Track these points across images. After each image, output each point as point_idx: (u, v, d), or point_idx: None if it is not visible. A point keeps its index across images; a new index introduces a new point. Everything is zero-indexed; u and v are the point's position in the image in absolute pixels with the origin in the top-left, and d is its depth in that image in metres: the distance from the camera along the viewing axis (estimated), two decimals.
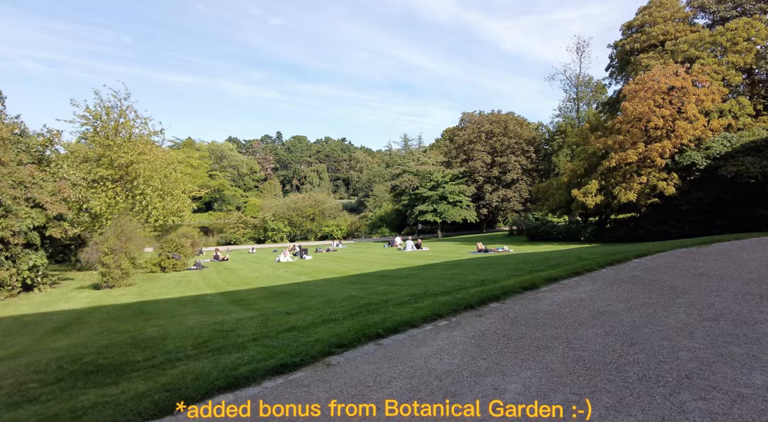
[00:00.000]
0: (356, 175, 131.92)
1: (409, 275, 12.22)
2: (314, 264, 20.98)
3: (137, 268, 21.14)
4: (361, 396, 3.49)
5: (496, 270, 11.47)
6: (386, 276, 12.70)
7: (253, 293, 11.50)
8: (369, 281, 11.87)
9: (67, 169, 15.82)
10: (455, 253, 23.70)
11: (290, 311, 7.11)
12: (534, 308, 6.26)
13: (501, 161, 49.65)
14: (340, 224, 57.22)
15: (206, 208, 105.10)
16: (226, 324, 6.55)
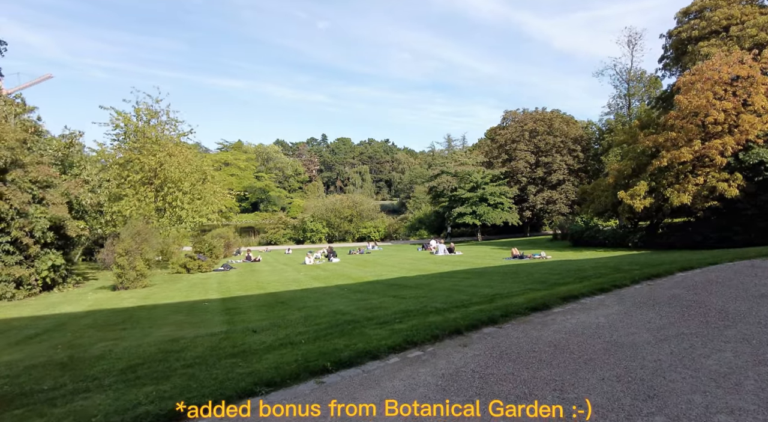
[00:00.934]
0: (398, 176, 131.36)
1: (420, 285, 11.24)
2: (337, 268, 20.35)
3: (164, 269, 21.39)
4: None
5: (517, 282, 10.27)
6: (396, 286, 11.78)
7: (254, 300, 10.93)
8: (374, 290, 11.01)
9: (90, 169, 16.10)
10: (488, 259, 22.36)
11: (258, 329, 6.40)
12: (535, 336, 5.17)
13: (545, 161, 47.24)
14: (377, 226, 56.66)
15: (252, 208, 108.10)
16: (182, 341, 5.92)
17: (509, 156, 49.68)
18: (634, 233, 25.61)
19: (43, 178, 13.77)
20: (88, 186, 15.88)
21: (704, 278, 8.54)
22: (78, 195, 14.97)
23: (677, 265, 10.16)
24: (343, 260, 27.15)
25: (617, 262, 13.38)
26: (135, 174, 20.00)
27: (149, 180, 20.39)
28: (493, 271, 14.30)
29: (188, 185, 21.34)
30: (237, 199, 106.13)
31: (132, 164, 20.31)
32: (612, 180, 25.90)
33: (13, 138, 13.40)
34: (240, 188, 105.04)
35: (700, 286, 7.59)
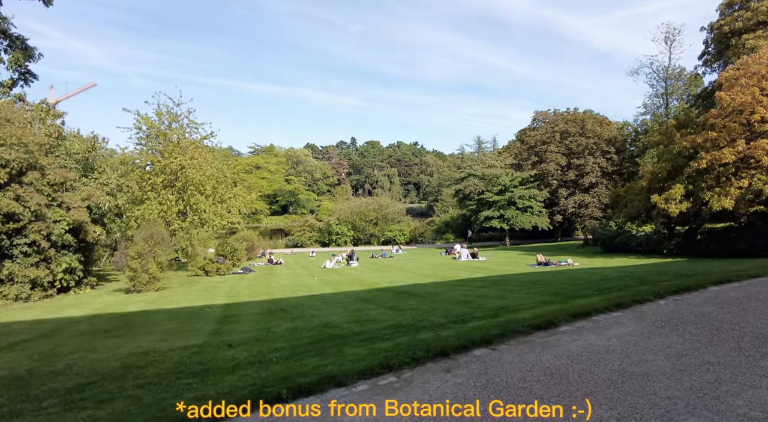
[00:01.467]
0: (426, 179, 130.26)
1: (427, 294, 10.61)
2: (353, 273, 19.91)
3: (184, 271, 21.53)
4: None
5: (532, 293, 9.52)
6: (404, 294, 11.19)
7: (256, 307, 10.58)
8: (379, 299, 10.46)
9: (110, 174, 16.28)
10: (510, 265, 21.43)
11: (235, 343, 5.98)
12: (531, 361, 4.53)
13: (577, 163, 45.46)
14: (403, 229, 56.00)
15: (282, 211, 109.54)
16: (153, 355, 5.56)
17: (539, 158, 48.14)
18: (670, 239, 24.03)
19: (61, 180, 13.97)
20: (107, 188, 16.02)
21: (742, 293, 7.59)
22: (98, 199, 15.13)
23: (713, 277, 9.17)
24: (363, 264, 26.71)
25: (646, 271, 12.36)
26: (156, 177, 20.20)
27: (170, 183, 20.55)
28: (511, 279, 13.50)
29: (210, 188, 21.41)
30: (267, 202, 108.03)
31: (153, 167, 20.57)
32: (645, 183, 24.41)
33: (32, 142, 13.65)
34: (270, 191, 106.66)
35: (735, 303, 6.70)
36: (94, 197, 14.86)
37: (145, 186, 20.46)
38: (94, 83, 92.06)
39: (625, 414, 3.25)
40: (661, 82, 44.74)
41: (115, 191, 16.45)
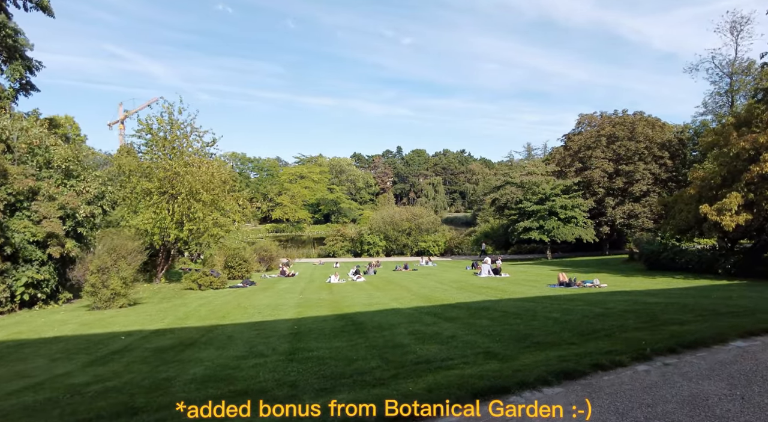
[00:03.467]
0: (472, 187, 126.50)
1: (373, 329, 8.52)
2: (347, 291, 18.24)
3: (180, 283, 20.76)
4: None
5: (500, 334, 7.46)
6: (351, 325, 9.31)
7: (176, 338, 9.13)
8: (318, 332, 8.69)
9: (91, 182, 15.72)
10: (528, 285, 18.93)
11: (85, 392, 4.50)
12: None
13: (626, 170, 41.37)
14: (437, 240, 53.65)
15: (324, 220, 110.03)
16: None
17: (583, 165, 44.42)
18: (727, 256, 20.45)
19: (25, 189, 13.47)
20: (88, 196, 15.41)
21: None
22: (74, 206, 14.56)
23: (753, 319, 6.75)
24: (375, 278, 25.04)
25: (670, 303, 9.83)
26: (150, 183, 19.61)
27: (165, 190, 19.91)
28: (502, 307, 11.32)
29: (207, 196, 20.59)
30: (311, 211, 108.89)
31: (151, 174, 20.00)
32: (694, 191, 21.04)
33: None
34: (313, 200, 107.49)
35: (760, 380, 4.37)
36: (70, 205, 14.29)
37: (137, 194, 19.92)
38: (156, 99, 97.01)
39: None
40: (725, 78, 39.97)
41: (94, 199, 15.84)
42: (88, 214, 14.92)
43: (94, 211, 15.13)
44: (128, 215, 20.29)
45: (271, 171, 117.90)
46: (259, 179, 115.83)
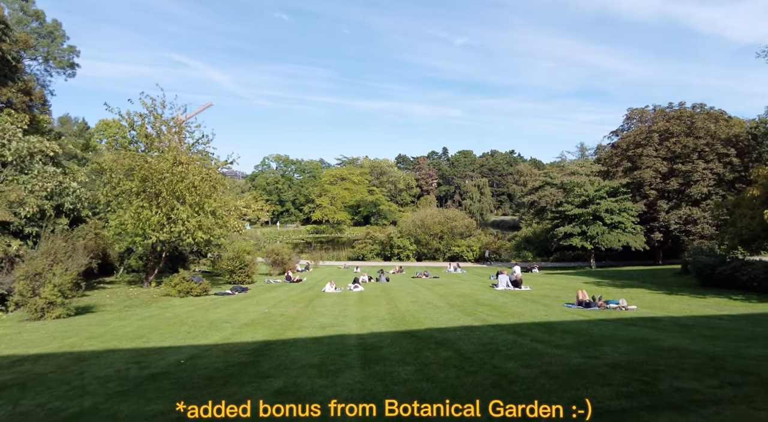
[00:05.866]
0: (519, 189, 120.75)
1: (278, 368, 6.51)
2: (328, 304, 16.15)
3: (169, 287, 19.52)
4: None
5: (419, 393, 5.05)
6: (241, 373, 7.25)
7: (80, 366, 7.45)
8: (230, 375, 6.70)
9: (49, 178, 14.71)
10: (542, 303, 15.98)
11: None
12: None
13: (683, 170, 36.47)
14: (471, 245, 50.35)
15: (364, 222, 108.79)
16: None
17: (633, 164, 39.76)
18: None
19: None
20: (43, 192, 14.39)
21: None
22: (21, 202, 13.54)
23: None
24: (376, 287, 22.80)
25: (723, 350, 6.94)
26: (130, 182, 18.50)
27: (144, 189, 18.74)
28: (472, 339, 8.78)
29: (190, 198, 19.24)
30: (350, 212, 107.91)
31: (135, 172, 18.89)
32: (759, 192, 17.13)
33: None
34: (353, 202, 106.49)
35: None
36: (13, 198, 13.30)
37: (117, 192, 18.85)
38: (210, 104, 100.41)
39: None
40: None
41: (52, 196, 14.83)
42: (35, 210, 13.85)
43: (44, 207, 14.03)
44: (110, 216, 19.31)
45: (314, 173, 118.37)
46: (302, 181, 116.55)
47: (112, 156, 19.82)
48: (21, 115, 17.41)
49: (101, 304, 16.01)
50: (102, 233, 19.66)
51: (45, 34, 54.23)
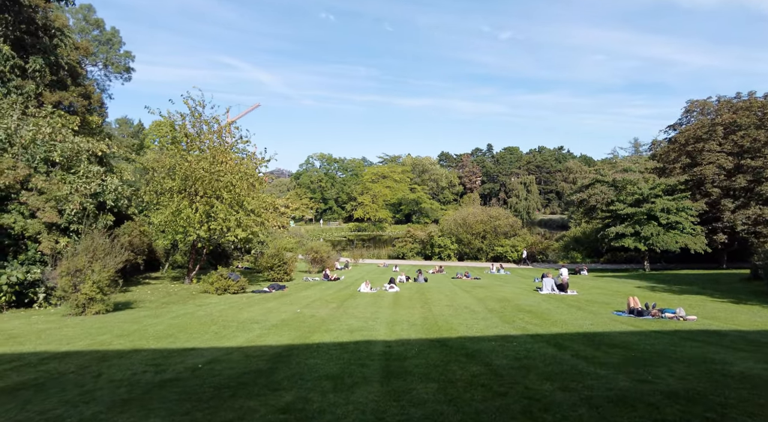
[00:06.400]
0: (568, 187, 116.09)
1: (291, 378, 6.15)
2: (361, 305, 15.77)
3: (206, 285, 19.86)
4: None
5: None
6: (247, 385, 6.93)
7: (100, 367, 7.47)
8: (227, 387, 6.43)
9: (93, 178, 15.24)
10: (589, 310, 14.87)
11: None
12: None
13: (753, 166, 33.38)
14: (516, 245, 48.66)
15: (405, 220, 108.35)
16: None
17: (693, 160, 36.87)
18: None
19: (12, 183, 13.12)
20: (87, 190, 14.92)
21: None
22: (65, 201, 14.11)
23: None
24: (411, 288, 22.24)
25: None
26: (171, 181, 18.94)
27: (185, 188, 19.14)
28: (508, 352, 8.09)
29: (228, 196, 19.47)
30: (392, 211, 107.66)
31: (176, 171, 19.32)
32: None
33: None
34: (394, 200, 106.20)
35: None
36: (57, 195, 13.93)
37: (159, 191, 19.38)
38: (257, 104, 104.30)
39: None
40: None
41: (95, 195, 15.36)
42: (78, 208, 14.34)
43: (86, 205, 14.52)
44: (153, 213, 19.88)
45: (356, 171, 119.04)
46: (344, 179, 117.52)
47: (154, 155, 20.34)
48: (72, 117, 18.15)
49: (141, 300, 16.42)
50: (146, 229, 20.26)
51: (104, 41, 57.34)
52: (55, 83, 21.42)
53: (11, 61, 16.95)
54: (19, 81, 17.15)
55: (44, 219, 13.72)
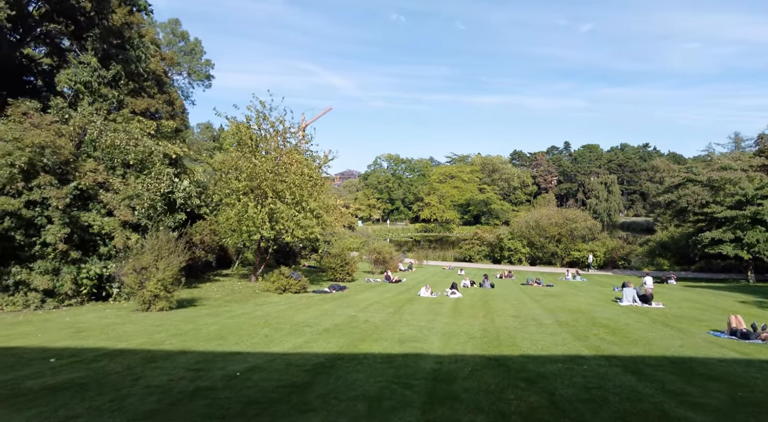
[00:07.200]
0: (655, 187, 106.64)
1: (326, 396, 5.66)
2: (418, 312, 15.04)
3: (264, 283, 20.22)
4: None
5: None
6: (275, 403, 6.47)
7: (145, 369, 7.56)
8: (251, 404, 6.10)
9: (164, 179, 16.01)
10: (679, 328, 12.99)
11: None
12: None
13: None
14: (594, 250, 45.25)
15: (474, 221, 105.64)
16: None
17: None
18: None
19: (92, 183, 14.05)
20: (161, 187, 15.77)
21: None
22: (137, 199, 14.98)
23: None
24: (474, 295, 21.11)
25: None
26: (238, 182, 19.48)
27: (250, 189, 19.58)
28: (574, 377, 7.02)
29: (290, 196, 19.66)
30: (460, 211, 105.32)
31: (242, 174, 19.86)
32: None
33: (68, 152, 14.05)
34: (462, 201, 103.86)
35: None
36: (130, 194, 14.84)
37: (227, 191, 20.03)
38: (329, 108, 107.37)
39: None
40: None
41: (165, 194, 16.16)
42: (146, 207, 15.09)
43: (155, 204, 15.25)
44: (220, 213, 20.61)
45: (423, 171, 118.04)
46: (411, 179, 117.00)
47: (222, 157, 21.10)
48: (149, 122, 19.27)
49: (205, 297, 16.95)
50: (216, 228, 21.10)
51: (188, 51, 61.57)
52: (138, 91, 22.95)
53: (98, 72, 18.29)
54: (103, 89, 18.50)
55: (120, 217, 14.57)
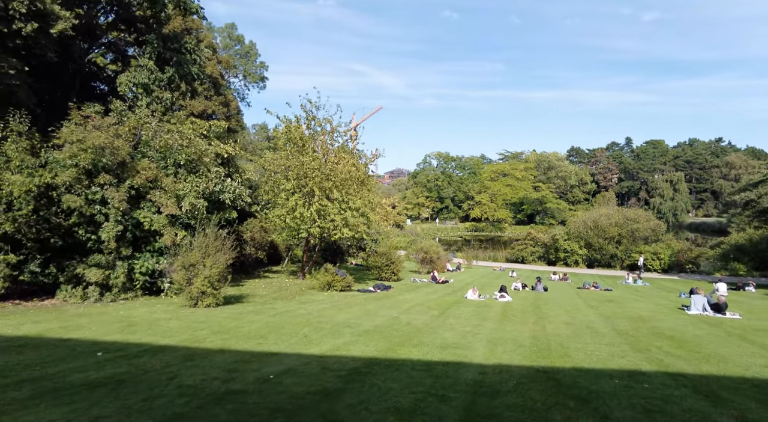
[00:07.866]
0: (729, 185, 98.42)
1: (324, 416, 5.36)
2: (463, 316, 14.41)
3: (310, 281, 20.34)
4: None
5: None
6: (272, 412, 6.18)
7: (175, 369, 7.64)
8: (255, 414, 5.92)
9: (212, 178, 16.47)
10: (757, 343, 11.63)
11: None
12: None
13: None
14: (658, 252, 42.20)
15: (528, 220, 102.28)
16: None
17: None
18: None
19: (143, 182, 14.65)
20: (199, 190, 16.22)
21: None
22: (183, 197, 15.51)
23: None
24: (532, 298, 20.12)
25: None
26: (287, 182, 19.67)
27: (299, 188, 19.72)
28: (645, 400, 6.30)
29: (337, 194, 19.63)
30: (513, 210, 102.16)
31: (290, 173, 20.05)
32: None
33: (125, 152, 14.70)
34: (515, 199, 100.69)
35: None
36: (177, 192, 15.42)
37: (276, 190, 20.32)
38: (380, 106, 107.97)
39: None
40: None
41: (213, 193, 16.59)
42: (189, 208, 15.51)
43: (198, 204, 15.64)
44: (270, 211, 20.97)
45: (474, 169, 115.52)
46: (461, 177, 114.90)
47: (271, 156, 21.44)
48: (201, 122, 19.87)
49: (252, 294, 17.24)
50: (266, 226, 21.51)
51: (243, 53, 63.73)
52: (193, 93, 23.83)
53: (154, 74, 19.09)
54: (159, 91, 19.30)
55: (166, 212, 15.08)
